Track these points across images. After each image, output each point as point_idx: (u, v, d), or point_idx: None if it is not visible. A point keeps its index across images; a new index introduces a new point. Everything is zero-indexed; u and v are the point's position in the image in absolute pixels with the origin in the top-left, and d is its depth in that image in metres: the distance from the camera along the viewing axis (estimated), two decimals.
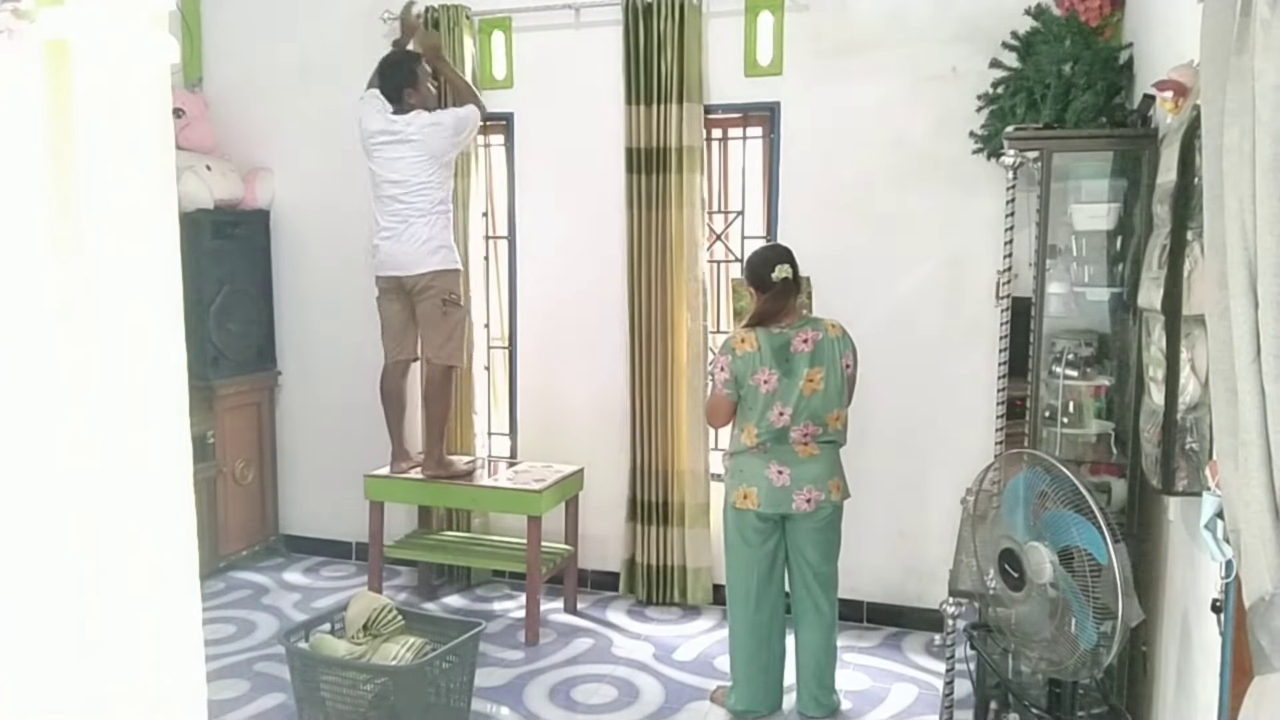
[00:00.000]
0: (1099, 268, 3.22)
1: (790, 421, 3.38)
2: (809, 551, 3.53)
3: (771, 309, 3.42)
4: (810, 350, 3.39)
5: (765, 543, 3.48)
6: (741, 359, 3.39)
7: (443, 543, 4.76)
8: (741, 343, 3.40)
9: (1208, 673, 2.32)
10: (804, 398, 3.38)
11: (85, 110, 1.38)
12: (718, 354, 3.48)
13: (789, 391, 3.37)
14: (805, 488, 3.42)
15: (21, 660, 1.42)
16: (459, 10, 4.66)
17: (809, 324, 3.45)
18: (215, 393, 4.86)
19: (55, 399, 1.42)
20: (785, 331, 3.40)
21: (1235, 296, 1.32)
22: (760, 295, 3.45)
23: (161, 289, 1.48)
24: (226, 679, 3.89)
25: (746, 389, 3.39)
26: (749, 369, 3.37)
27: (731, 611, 3.59)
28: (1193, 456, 2.29)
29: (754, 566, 3.49)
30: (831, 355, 3.43)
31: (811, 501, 3.43)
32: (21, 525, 1.41)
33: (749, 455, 3.44)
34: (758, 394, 3.38)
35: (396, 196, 4.32)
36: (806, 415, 3.39)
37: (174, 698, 1.52)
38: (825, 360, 3.41)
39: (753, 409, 3.39)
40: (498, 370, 5.11)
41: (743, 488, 3.45)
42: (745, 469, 3.45)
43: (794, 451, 3.42)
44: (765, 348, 3.38)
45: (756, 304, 3.46)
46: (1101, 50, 3.62)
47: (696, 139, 4.44)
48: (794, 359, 3.38)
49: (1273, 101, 1.23)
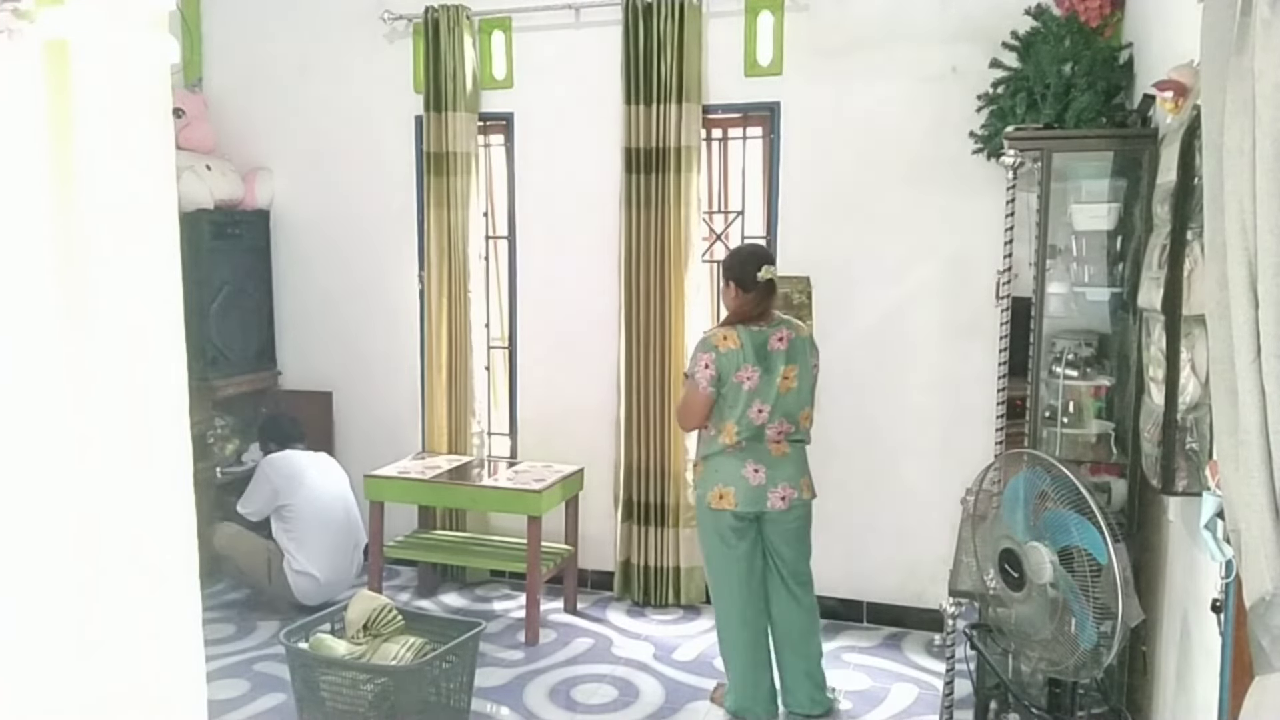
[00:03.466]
0: (1099, 268, 3.22)
1: (768, 419, 3.41)
2: (785, 551, 3.55)
3: (753, 308, 3.44)
4: (785, 349, 3.43)
5: (742, 542, 3.49)
6: (725, 355, 3.39)
7: (442, 543, 4.76)
8: (724, 340, 3.40)
9: (1208, 673, 2.32)
10: (781, 395, 3.42)
11: (85, 110, 1.38)
12: (698, 352, 3.45)
13: (768, 389, 3.39)
14: (780, 485, 3.45)
15: (22, 660, 1.42)
16: (459, 10, 4.66)
17: (783, 324, 3.48)
18: (215, 392, 4.86)
19: (56, 399, 1.42)
20: (764, 330, 3.43)
21: (1235, 296, 1.32)
22: (742, 293, 3.45)
23: (161, 289, 1.48)
24: (226, 679, 3.89)
25: (728, 386, 3.39)
26: (732, 366, 3.38)
27: (722, 613, 3.58)
28: (1193, 456, 2.29)
29: (735, 566, 3.50)
30: (803, 354, 3.48)
31: (786, 499, 3.46)
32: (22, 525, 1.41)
33: (725, 456, 3.44)
34: (739, 391, 3.39)
35: None
36: (781, 413, 3.43)
37: (174, 698, 1.52)
38: (799, 359, 3.46)
39: (733, 407, 3.40)
40: (498, 370, 5.11)
41: (718, 487, 3.44)
42: (721, 469, 3.45)
43: (769, 450, 3.45)
44: (748, 345, 3.39)
45: (738, 302, 3.46)
46: (1101, 50, 3.62)
47: (695, 139, 4.44)
48: (772, 357, 3.41)
49: (1273, 101, 1.23)
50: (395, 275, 5.07)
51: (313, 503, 4.45)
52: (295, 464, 4.53)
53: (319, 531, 4.44)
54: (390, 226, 5.05)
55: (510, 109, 4.82)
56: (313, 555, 4.41)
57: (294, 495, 4.44)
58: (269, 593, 4.46)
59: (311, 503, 4.44)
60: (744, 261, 3.49)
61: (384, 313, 5.11)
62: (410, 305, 5.05)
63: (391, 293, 5.09)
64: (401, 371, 5.10)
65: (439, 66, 4.68)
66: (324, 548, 4.44)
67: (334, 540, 4.49)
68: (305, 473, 4.50)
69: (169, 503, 1.50)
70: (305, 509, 4.43)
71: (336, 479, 4.65)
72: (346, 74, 5.02)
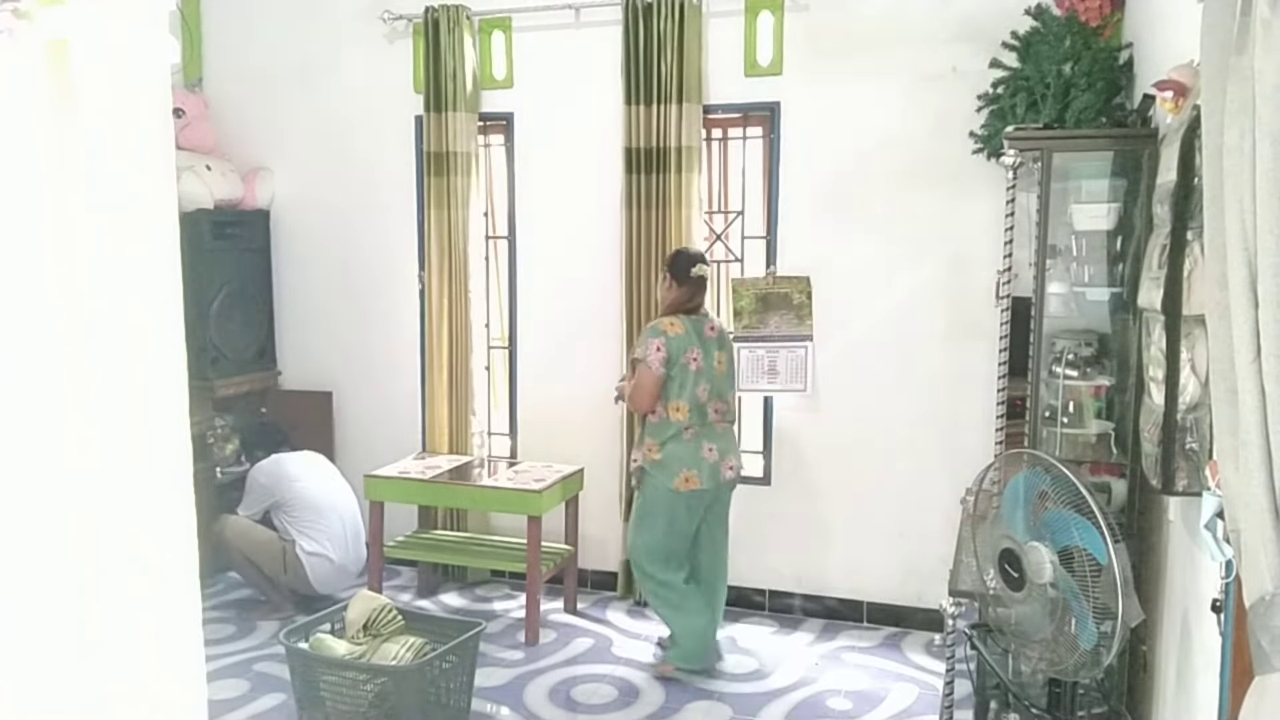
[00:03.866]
0: (1099, 268, 3.22)
1: (708, 398, 3.83)
2: (715, 524, 3.99)
3: (687, 300, 3.88)
4: (716, 337, 3.91)
5: (694, 518, 3.89)
6: (674, 340, 3.79)
7: (443, 543, 4.76)
8: (671, 326, 3.82)
9: (1208, 673, 2.32)
10: (717, 377, 3.87)
11: (85, 110, 1.38)
12: (647, 339, 3.82)
13: (709, 370, 3.84)
14: (728, 458, 3.89)
15: (22, 660, 1.42)
16: (459, 10, 4.66)
17: (709, 316, 3.97)
18: (215, 392, 4.86)
19: (56, 399, 1.42)
20: (700, 319, 3.88)
21: (1235, 296, 1.32)
22: (677, 287, 3.88)
23: (161, 289, 1.48)
24: (226, 679, 3.89)
25: (678, 368, 3.78)
26: (681, 349, 3.78)
27: (667, 580, 3.90)
28: (1193, 456, 2.29)
29: (684, 540, 3.91)
30: (728, 344, 3.99)
31: (733, 470, 3.91)
32: (22, 525, 1.41)
33: (679, 442, 3.80)
34: (688, 371, 3.79)
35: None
36: (718, 393, 3.88)
37: (174, 698, 1.52)
38: (725, 347, 3.96)
39: (683, 386, 3.79)
40: (498, 370, 5.11)
41: (684, 472, 3.79)
42: (681, 455, 3.80)
43: (715, 429, 3.87)
44: (690, 330, 3.83)
45: (675, 295, 3.89)
46: (1101, 50, 3.62)
47: (695, 139, 4.44)
48: (708, 343, 3.86)
49: (1273, 101, 1.23)
50: (395, 275, 5.07)
51: (307, 493, 4.49)
52: (282, 465, 4.58)
53: (321, 516, 4.48)
54: (390, 226, 5.05)
55: (510, 109, 4.83)
56: (321, 538, 4.44)
57: (287, 490, 4.48)
58: (284, 582, 4.46)
59: (306, 493, 4.49)
60: (684, 261, 3.93)
61: (384, 313, 5.11)
62: (410, 305, 5.05)
63: (391, 293, 5.09)
64: (401, 371, 5.10)
65: (439, 66, 4.68)
66: (329, 530, 4.48)
67: (337, 524, 4.52)
68: (293, 470, 4.55)
69: (169, 503, 1.50)
70: (302, 499, 4.47)
71: (327, 472, 4.69)
72: (346, 74, 5.02)
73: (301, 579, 4.42)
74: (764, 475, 4.65)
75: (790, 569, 4.61)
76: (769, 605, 4.65)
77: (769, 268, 4.53)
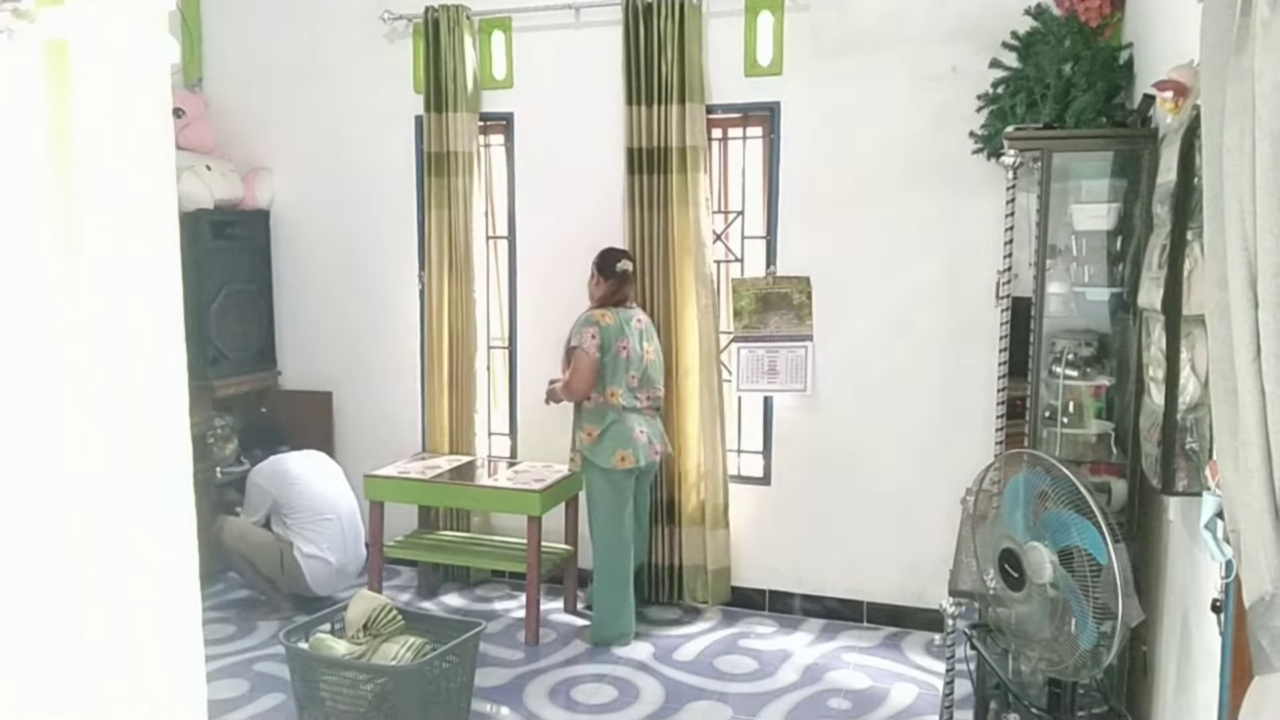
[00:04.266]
0: (1099, 268, 3.22)
1: (639, 384, 4.17)
2: (641, 501, 4.37)
3: (614, 293, 4.19)
4: (644, 328, 4.25)
5: (626, 492, 4.20)
6: (606, 329, 4.11)
7: (443, 543, 4.76)
8: (603, 316, 4.14)
9: (1208, 673, 2.32)
10: (647, 365, 4.19)
11: (85, 110, 1.38)
12: (582, 328, 4.12)
13: (639, 359, 4.16)
14: (655, 441, 4.23)
15: (22, 660, 1.41)
16: (459, 10, 4.66)
17: (638, 309, 4.29)
18: (215, 392, 4.86)
19: (56, 399, 1.42)
20: (628, 311, 4.21)
21: (1235, 296, 1.32)
22: (604, 281, 4.20)
23: (161, 289, 1.48)
24: (226, 679, 3.89)
25: (610, 355, 4.10)
26: (612, 337, 4.10)
27: (610, 558, 4.21)
28: (1193, 456, 2.29)
29: (625, 517, 4.21)
30: (655, 336, 4.31)
31: (658, 453, 4.26)
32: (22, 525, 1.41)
33: (619, 426, 4.11)
34: (619, 359, 4.11)
35: None
36: (648, 382, 4.21)
37: (174, 698, 1.52)
38: (653, 339, 4.29)
39: (615, 373, 4.11)
40: (498, 370, 5.11)
41: (620, 451, 4.11)
42: (619, 436, 4.12)
43: (644, 415, 4.21)
44: (619, 321, 4.15)
45: (602, 288, 4.21)
46: (1101, 50, 3.62)
47: (699, 138, 4.43)
48: (636, 333, 4.18)
49: (1273, 102, 1.23)
50: (395, 275, 5.08)
51: (307, 495, 4.48)
52: (282, 466, 4.57)
53: (319, 518, 4.47)
54: (390, 226, 5.05)
55: (510, 109, 4.83)
56: (319, 541, 4.44)
57: (287, 492, 4.47)
58: (282, 584, 4.46)
59: (306, 495, 4.48)
60: (610, 258, 4.24)
61: (384, 313, 5.11)
62: (410, 305, 5.05)
63: (391, 293, 5.09)
64: (401, 371, 5.10)
65: (439, 66, 4.68)
66: (328, 533, 4.48)
67: (337, 526, 4.52)
68: (293, 471, 4.54)
69: (169, 503, 1.50)
70: (301, 501, 4.46)
71: (330, 472, 4.68)
72: (346, 74, 5.02)
73: (299, 581, 4.42)
74: (764, 475, 4.65)
75: (790, 569, 4.61)
76: (769, 605, 4.65)
77: (769, 268, 4.53)
